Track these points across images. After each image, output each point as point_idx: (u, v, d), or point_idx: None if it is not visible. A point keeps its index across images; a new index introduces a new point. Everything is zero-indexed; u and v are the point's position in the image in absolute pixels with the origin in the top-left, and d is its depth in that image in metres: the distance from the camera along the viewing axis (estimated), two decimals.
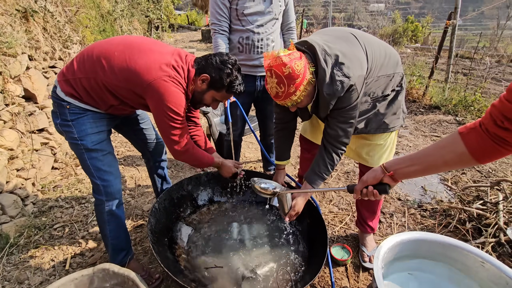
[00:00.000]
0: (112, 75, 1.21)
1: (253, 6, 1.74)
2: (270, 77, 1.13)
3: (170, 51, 1.29)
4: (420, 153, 0.84)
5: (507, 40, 20.92)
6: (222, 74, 1.28)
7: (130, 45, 1.25)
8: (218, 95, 1.36)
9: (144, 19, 7.50)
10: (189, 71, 1.30)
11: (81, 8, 3.74)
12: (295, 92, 1.10)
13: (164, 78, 1.19)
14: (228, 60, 1.29)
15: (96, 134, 1.33)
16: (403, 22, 24.60)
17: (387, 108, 1.36)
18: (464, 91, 4.32)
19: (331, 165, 1.34)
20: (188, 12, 23.86)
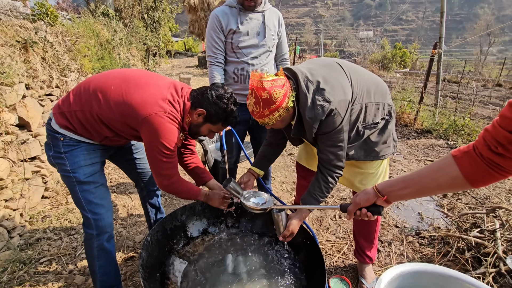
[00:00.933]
0: (108, 109, 1.22)
1: (247, 40, 1.81)
2: (250, 95, 1.20)
3: (167, 84, 1.31)
4: (414, 176, 0.83)
5: (491, 65, 21.91)
6: (218, 109, 1.30)
7: (126, 79, 1.27)
8: (214, 127, 1.38)
9: (142, 47, 7.71)
10: (185, 104, 1.31)
11: (81, 38, 3.84)
12: (269, 115, 1.18)
13: (159, 113, 1.21)
14: (224, 95, 1.31)
15: (89, 166, 1.32)
16: (391, 49, 25.80)
17: (377, 136, 1.39)
18: (454, 115, 4.44)
19: (326, 188, 1.35)
20: (185, 39, 24.71)
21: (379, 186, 0.90)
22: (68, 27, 3.95)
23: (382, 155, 1.41)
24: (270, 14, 1.88)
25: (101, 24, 5.42)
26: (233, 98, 1.35)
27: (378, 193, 0.90)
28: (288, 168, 3.34)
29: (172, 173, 1.34)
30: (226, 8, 1.82)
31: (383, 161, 1.48)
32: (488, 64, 22.54)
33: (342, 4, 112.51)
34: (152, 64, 8.44)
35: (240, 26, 1.79)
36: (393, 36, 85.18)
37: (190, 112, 1.34)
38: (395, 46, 25.68)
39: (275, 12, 1.94)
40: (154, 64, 8.64)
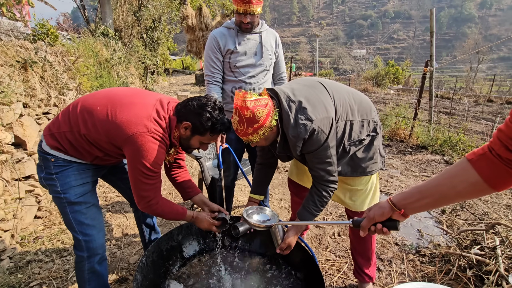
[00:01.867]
0: (94, 129, 1.22)
1: (245, 59, 1.86)
2: (234, 113, 1.22)
3: (153, 101, 1.30)
4: (429, 185, 0.78)
5: (481, 81, 22.52)
6: (202, 119, 1.27)
7: (112, 99, 1.27)
8: (204, 138, 1.35)
9: (141, 65, 7.83)
10: (171, 119, 1.30)
11: (80, 58, 3.90)
12: (252, 134, 1.20)
13: (142, 133, 1.19)
14: (207, 103, 1.28)
15: (80, 186, 1.30)
16: (384, 66, 26.50)
17: (363, 153, 1.41)
18: (448, 131, 4.51)
19: (320, 202, 1.36)
20: (183, 57, 25.20)
21: (394, 199, 0.85)
22: (68, 47, 4.02)
23: (369, 171, 1.43)
24: (267, 35, 1.94)
25: (100, 44, 5.52)
26: (217, 105, 1.31)
27: (394, 207, 0.84)
28: (285, 184, 3.32)
29: (151, 194, 1.30)
30: (224, 30, 1.87)
31: (371, 177, 1.48)
32: (478, 81, 23.17)
33: (335, 24, 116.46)
34: (150, 81, 8.55)
35: (238, 46, 1.83)
36: (386, 54, 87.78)
37: (177, 126, 1.31)
38: (387, 63, 26.43)
39: (272, 33, 2.00)
40: (152, 82, 8.75)
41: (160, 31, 8.55)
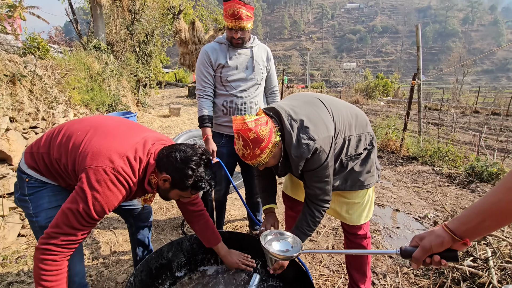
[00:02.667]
0: (65, 155, 1.14)
1: (236, 73, 1.87)
2: (237, 139, 1.18)
3: (136, 139, 1.19)
4: (485, 204, 0.68)
5: (467, 93, 23.28)
6: (184, 176, 1.12)
7: (98, 127, 1.19)
8: (185, 194, 1.21)
9: (133, 78, 7.83)
10: (149, 163, 1.17)
11: (71, 71, 3.88)
12: (260, 154, 1.17)
13: (106, 168, 1.05)
14: (192, 157, 1.14)
15: (54, 209, 1.20)
16: (374, 78, 27.20)
17: (361, 166, 1.41)
18: (437, 142, 4.59)
19: (313, 222, 1.35)
20: (176, 70, 25.35)
21: (452, 226, 0.73)
22: (58, 60, 4.00)
23: (366, 184, 1.43)
24: (258, 49, 1.97)
25: (92, 57, 5.52)
26: (203, 159, 1.17)
27: (454, 236, 0.72)
28: (279, 197, 3.30)
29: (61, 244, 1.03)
30: (216, 45, 1.89)
31: (368, 190, 1.49)
32: (464, 92, 23.96)
33: (325, 38, 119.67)
34: (142, 94, 8.54)
35: (229, 61, 1.85)
36: (375, 67, 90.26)
37: (157, 173, 1.18)
38: (377, 76, 27.13)
39: (264, 48, 2.03)
40: (144, 95, 8.74)
41: (153, 45, 8.63)
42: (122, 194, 1.11)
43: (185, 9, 15.17)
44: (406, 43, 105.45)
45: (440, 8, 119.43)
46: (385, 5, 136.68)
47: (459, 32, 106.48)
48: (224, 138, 1.98)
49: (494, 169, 3.47)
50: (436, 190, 3.39)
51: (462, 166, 3.90)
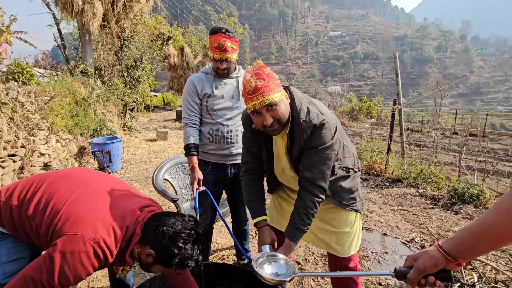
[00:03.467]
0: (40, 214, 1.05)
1: (222, 102, 1.90)
2: (251, 77, 1.13)
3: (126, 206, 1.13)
4: (483, 224, 0.68)
5: (445, 115, 24.46)
6: (170, 254, 1.05)
7: (86, 187, 1.11)
8: (168, 270, 1.12)
9: (120, 103, 7.80)
10: (135, 233, 1.09)
11: (56, 97, 3.84)
12: (274, 89, 1.12)
13: (87, 240, 0.97)
14: (181, 234, 1.07)
15: (13, 262, 1.10)
16: (358, 101, 28.23)
17: (349, 183, 1.40)
18: (420, 164, 4.72)
19: (306, 215, 1.27)
20: (164, 93, 25.51)
21: (446, 247, 0.74)
22: (43, 86, 3.96)
23: (352, 204, 1.41)
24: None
25: (78, 82, 5.50)
26: (192, 235, 1.10)
27: (448, 257, 0.73)
28: None
29: None
30: (202, 75, 1.94)
31: (356, 218, 1.48)
32: (443, 114, 25.22)
33: (311, 64, 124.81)
34: (129, 118, 8.48)
35: (215, 90, 1.89)
36: (358, 91, 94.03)
37: (140, 245, 1.10)
38: (361, 99, 28.24)
39: None
40: (131, 119, 8.68)
41: (141, 70, 8.71)
42: (94, 267, 1.02)
43: (174, 35, 15.60)
44: (387, 68, 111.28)
45: (416, 37, 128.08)
46: (365, 34, 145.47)
47: (434, 59, 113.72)
48: (210, 166, 1.97)
49: (475, 191, 3.57)
50: (421, 212, 3.43)
51: (445, 188, 3.99)
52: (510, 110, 77.55)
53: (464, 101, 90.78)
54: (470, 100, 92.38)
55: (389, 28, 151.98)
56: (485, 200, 3.52)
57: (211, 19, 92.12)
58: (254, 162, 1.48)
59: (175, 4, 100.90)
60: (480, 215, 3.21)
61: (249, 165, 1.49)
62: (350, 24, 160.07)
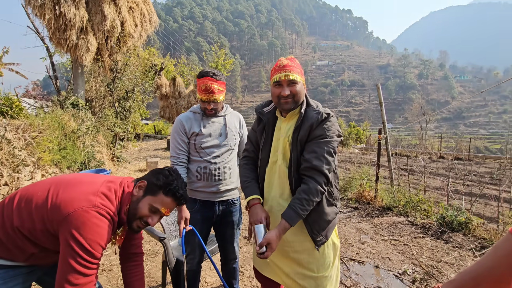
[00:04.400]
0: (28, 218, 1.07)
1: (210, 140, 1.95)
2: (284, 59, 1.37)
3: (103, 178, 1.25)
4: (481, 268, 0.69)
5: (431, 139, 25.24)
6: (159, 177, 1.26)
7: (57, 182, 1.17)
8: (156, 200, 1.23)
9: (110, 133, 7.78)
10: (124, 191, 1.24)
11: (44, 131, 3.82)
12: (300, 73, 1.36)
13: (85, 207, 1.06)
14: (166, 167, 1.34)
15: None
16: (347, 127, 28.92)
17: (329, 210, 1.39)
18: (409, 191, 4.78)
19: (307, 201, 1.25)
20: (155, 122, 25.60)
21: None
22: (32, 120, 3.95)
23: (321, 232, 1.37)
24: (231, 117, 2.09)
25: (68, 115, 5.51)
26: (176, 172, 1.35)
27: None
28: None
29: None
30: (190, 114, 1.99)
31: (334, 261, 1.45)
32: (429, 138, 26.00)
33: None
34: (118, 148, 8.41)
35: (203, 129, 1.94)
36: (347, 116, 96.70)
37: (132, 192, 1.26)
38: (349, 125, 28.98)
39: (236, 115, 2.16)
40: (120, 149, 8.61)
41: (133, 101, 8.82)
42: (109, 228, 1.12)
43: (167, 66, 16.03)
44: (373, 94, 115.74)
45: (398, 65, 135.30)
46: (350, 63, 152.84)
47: (417, 85, 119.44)
48: (198, 204, 1.96)
49: (463, 219, 3.61)
50: (412, 242, 3.42)
51: (433, 216, 4.03)
52: (492, 133, 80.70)
53: (448, 125, 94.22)
54: (454, 124, 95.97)
55: (373, 57, 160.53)
56: (473, 228, 3.55)
57: (203, 50, 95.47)
58: (254, 151, 1.58)
59: (167, 36, 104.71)
60: (469, 243, 3.19)
61: (250, 153, 1.60)
62: (336, 54, 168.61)
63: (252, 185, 1.47)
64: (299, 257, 1.41)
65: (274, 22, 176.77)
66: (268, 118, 1.47)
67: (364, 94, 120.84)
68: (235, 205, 2.09)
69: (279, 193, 1.43)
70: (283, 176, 1.41)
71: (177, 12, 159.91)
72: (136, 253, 1.46)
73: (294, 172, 1.36)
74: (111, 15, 7.28)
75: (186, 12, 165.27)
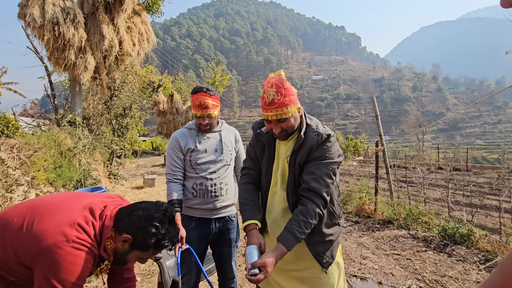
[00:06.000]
0: (2, 247, 1.02)
1: (206, 156, 1.93)
2: (270, 88, 1.25)
3: (83, 205, 1.14)
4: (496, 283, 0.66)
5: (429, 150, 25.39)
6: (146, 235, 1.09)
7: (35, 208, 1.09)
8: (145, 254, 1.16)
9: (107, 150, 7.74)
10: (104, 226, 1.11)
11: (40, 150, 3.79)
12: (288, 105, 1.23)
13: (59, 243, 0.98)
14: (155, 214, 1.13)
15: None
16: (344, 140, 29.06)
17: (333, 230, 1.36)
18: (409, 203, 4.73)
19: (305, 223, 1.19)
20: (153, 138, 25.60)
21: None
22: (28, 139, 3.93)
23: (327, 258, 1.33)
24: (226, 132, 2.09)
25: (65, 133, 5.49)
26: (167, 215, 1.16)
27: None
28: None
29: None
30: (185, 130, 1.99)
31: (339, 281, 1.40)
32: (426, 150, 26.14)
33: None
34: (115, 166, 8.34)
35: (198, 145, 1.93)
36: (344, 129, 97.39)
37: (114, 237, 1.12)
38: (347, 137, 29.14)
39: (232, 130, 2.15)
40: (117, 166, 8.54)
41: (131, 118, 8.84)
42: (88, 263, 1.04)
43: (164, 83, 16.22)
44: (368, 107, 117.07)
45: (392, 79, 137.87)
46: (345, 77, 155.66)
47: (411, 98, 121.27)
48: (194, 222, 1.91)
49: (464, 231, 3.56)
50: (414, 256, 3.35)
51: (435, 228, 3.97)
52: (488, 143, 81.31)
53: (444, 136, 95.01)
54: (450, 135, 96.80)
55: (367, 71, 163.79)
56: (475, 240, 3.49)
57: (201, 67, 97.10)
58: (254, 168, 1.52)
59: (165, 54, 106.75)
60: (472, 256, 3.12)
61: (249, 170, 1.54)
62: (331, 68, 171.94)
63: (249, 208, 1.39)
64: (303, 277, 1.37)
65: (270, 39, 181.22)
66: (267, 139, 1.43)
67: (360, 107, 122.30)
68: (232, 222, 2.04)
69: (280, 216, 1.39)
70: (282, 199, 1.38)
71: (174, 31, 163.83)
72: (128, 278, 1.39)
73: (291, 195, 1.33)
74: (109, 35, 7.43)
75: (183, 31, 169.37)
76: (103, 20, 7.43)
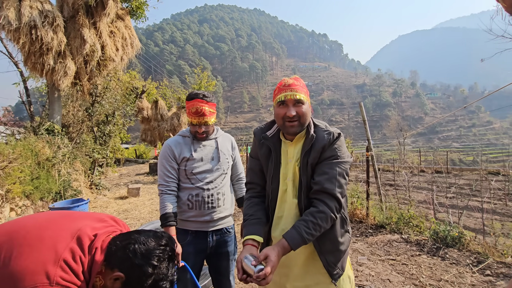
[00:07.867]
0: None
1: (202, 165, 1.81)
2: (290, 79, 1.28)
3: (69, 233, 0.96)
4: None
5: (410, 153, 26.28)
6: (142, 275, 0.94)
7: (14, 235, 0.93)
8: None
9: (88, 160, 7.38)
10: (94, 261, 0.95)
11: (15, 161, 3.52)
12: (305, 93, 1.25)
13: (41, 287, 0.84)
14: (155, 251, 0.97)
15: None
16: None
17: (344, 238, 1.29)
18: (399, 208, 4.76)
19: (313, 224, 1.09)
20: (136, 145, 24.88)
21: None
22: (1, 149, 3.65)
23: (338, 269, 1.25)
24: (223, 139, 1.98)
25: (43, 142, 5.17)
26: (167, 251, 1.01)
27: None
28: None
29: None
30: (180, 138, 1.87)
31: None
32: (407, 153, 26.99)
33: None
34: (97, 175, 7.97)
35: (194, 153, 1.81)
36: None
37: (104, 273, 0.96)
38: None
39: (228, 137, 2.05)
40: (99, 175, 8.17)
41: (113, 125, 8.52)
42: None
43: (148, 89, 15.87)
44: (352, 112, 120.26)
45: (373, 85, 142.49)
46: (329, 83, 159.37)
47: (392, 103, 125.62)
48: (190, 235, 1.79)
49: (455, 233, 3.60)
50: (409, 261, 3.34)
51: (427, 232, 4.00)
52: (464, 145, 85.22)
53: (423, 139, 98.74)
54: (429, 138, 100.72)
55: (349, 77, 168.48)
56: (466, 242, 3.54)
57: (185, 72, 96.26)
58: (257, 182, 1.41)
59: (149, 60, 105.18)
60: (465, 258, 3.13)
61: (255, 186, 1.41)
62: (315, 75, 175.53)
63: (249, 223, 1.28)
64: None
65: (254, 46, 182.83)
66: (273, 143, 1.33)
67: (343, 112, 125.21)
68: (230, 234, 1.93)
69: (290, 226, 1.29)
70: (294, 207, 1.27)
71: (158, 36, 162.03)
72: None
73: (304, 199, 1.23)
74: (91, 39, 7.15)
75: (167, 37, 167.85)
76: (84, 24, 7.16)
